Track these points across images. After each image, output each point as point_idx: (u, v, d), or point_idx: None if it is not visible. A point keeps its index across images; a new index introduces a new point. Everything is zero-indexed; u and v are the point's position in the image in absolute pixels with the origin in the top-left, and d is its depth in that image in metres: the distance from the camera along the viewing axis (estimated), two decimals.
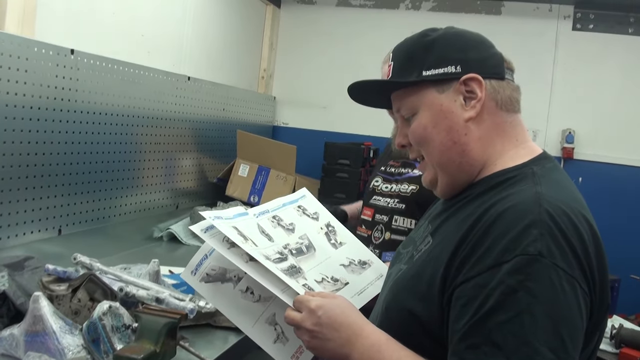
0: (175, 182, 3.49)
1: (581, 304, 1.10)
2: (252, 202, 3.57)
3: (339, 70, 4.50)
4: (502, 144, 1.32)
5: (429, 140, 1.33)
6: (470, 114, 1.29)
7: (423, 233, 1.41)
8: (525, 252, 1.08)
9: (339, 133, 4.45)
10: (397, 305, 1.31)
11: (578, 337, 1.10)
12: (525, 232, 1.10)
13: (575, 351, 1.09)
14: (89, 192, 2.73)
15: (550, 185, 1.22)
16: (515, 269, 1.08)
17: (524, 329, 1.06)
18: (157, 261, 1.90)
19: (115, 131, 2.86)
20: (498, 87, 1.31)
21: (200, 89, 3.60)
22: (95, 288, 1.65)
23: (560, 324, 1.07)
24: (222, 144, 3.94)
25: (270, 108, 4.69)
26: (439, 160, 1.34)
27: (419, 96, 1.33)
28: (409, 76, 1.33)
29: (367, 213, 2.59)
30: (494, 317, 1.08)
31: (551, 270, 1.07)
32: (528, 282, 1.07)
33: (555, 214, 1.13)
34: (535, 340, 1.05)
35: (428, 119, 1.32)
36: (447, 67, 1.30)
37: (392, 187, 2.54)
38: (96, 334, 1.43)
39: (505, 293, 1.08)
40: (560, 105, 4.11)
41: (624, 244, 3.53)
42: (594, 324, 1.17)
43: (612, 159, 4.05)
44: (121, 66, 2.83)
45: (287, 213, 1.64)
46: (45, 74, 2.37)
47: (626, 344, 2.54)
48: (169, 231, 2.95)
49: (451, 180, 1.35)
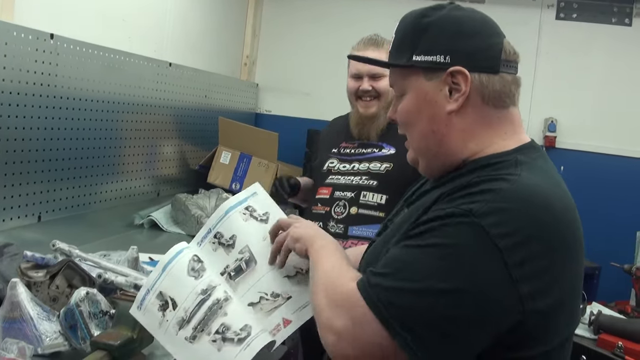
0: (157, 169, 3.47)
1: (494, 273, 1.08)
2: (234, 189, 3.55)
3: (322, 57, 4.48)
4: (489, 137, 1.31)
5: (411, 124, 1.35)
6: (452, 107, 1.29)
7: (401, 211, 1.46)
8: (458, 207, 1.13)
9: (322, 120, 4.42)
10: None
11: (472, 294, 1.09)
12: (474, 194, 1.15)
13: (466, 305, 1.09)
14: (69, 179, 2.71)
15: (532, 171, 1.22)
16: (444, 216, 1.14)
17: (421, 257, 1.13)
18: (135, 248, 1.89)
19: (96, 117, 2.83)
20: (487, 82, 1.29)
21: (182, 75, 3.57)
22: (73, 275, 1.64)
23: (456, 270, 1.09)
24: (204, 131, 3.92)
25: (252, 95, 4.67)
26: (418, 145, 1.37)
27: (408, 79, 1.34)
28: (401, 58, 1.33)
29: (323, 192, 2.63)
30: (408, 241, 1.18)
31: (474, 227, 1.10)
32: (447, 227, 1.12)
33: (519, 190, 1.15)
34: (424, 272, 1.11)
35: (413, 104, 1.33)
36: (437, 56, 1.29)
37: (353, 166, 2.60)
38: (73, 320, 1.43)
39: (426, 228, 1.15)
40: (543, 94, 4.12)
41: (605, 233, 3.55)
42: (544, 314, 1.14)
43: (594, 148, 4.08)
44: (101, 51, 2.80)
45: (230, 223, 1.55)
46: (24, 58, 2.35)
47: (605, 330, 2.55)
48: (150, 218, 2.95)
49: (428, 164, 1.38)
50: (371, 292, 1.13)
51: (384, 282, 1.13)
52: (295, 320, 1.47)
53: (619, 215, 3.91)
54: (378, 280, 1.14)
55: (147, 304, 1.40)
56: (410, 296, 1.10)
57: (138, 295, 1.42)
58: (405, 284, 1.11)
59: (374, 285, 1.14)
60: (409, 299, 1.10)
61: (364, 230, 2.47)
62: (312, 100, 4.60)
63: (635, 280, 2.96)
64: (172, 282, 1.42)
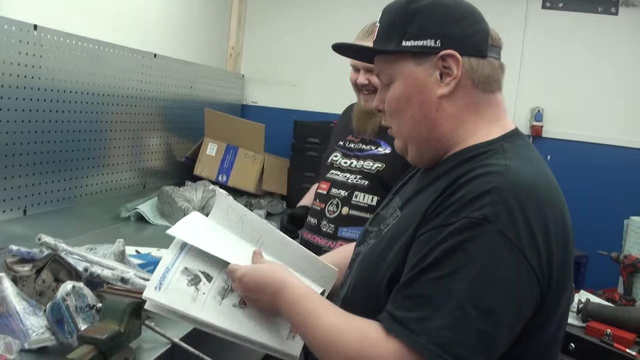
0: (143, 161, 3.45)
1: (522, 277, 1.11)
2: (220, 181, 3.54)
3: (309, 47, 4.47)
4: (475, 123, 1.32)
5: (401, 111, 1.34)
6: (444, 91, 1.28)
7: (393, 209, 1.42)
8: (470, 216, 1.11)
9: (309, 112, 4.43)
10: (366, 281, 1.33)
11: (512, 304, 1.10)
12: (479, 197, 1.13)
13: (508, 319, 1.11)
14: (54, 172, 2.69)
15: (520, 160, 1.22)
16: (458, 230, 1.11)
17: (454, 285, 1.09)
18: (122, 241, 1.88)
19: (81, 109, 2.81)
20: (477, 66, 1.30)
21: (167, 66, 3.55)
22: (59, 268, 1.63)
23: (492, 287, 1.09)
24: (189, 122, 3.90)
25: (238, 86, 4.65)
26: (408, 132, 1.35)
27: (397, 65, 1.33)
28: (389, 44, 1.32)
29: (322, 187, 2.57)
30: (430, 272, 1.12)
31: (494, 235, 1.09)
32: (467, 243, 1.10)
33: (519, 185, 1.15)
34: (463, 299, 1.08)
35: (402, 90, 1.32)
36: (427, 40, 1.28)
37: (351, 162, 2.51)
38: (60, 315, 1.41)
39: (444, 250, 1.11)
40: (529, 83, 4.13)
41: (592, 221, 3.57)
42: (550, 304, 1.17)
43: (581, 137, 4.09)
44: (85, 43, 2.78)
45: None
46: (7, 50, 2.32)
47: (593, 318, 2.57)
48: (137, 211, 2.93)
49: (419, 152, 1.37)
50: (422, 340, 1.08)
51: (428, 324, 1.08)
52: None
53: (607, 203, 3.93)
54: (422, 325, 1.09)
55: (170, 282, 1.40)
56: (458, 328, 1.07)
57: (153, 277, 1.40)
58: (448, 319, 1.07)
59: (420, 332, 1.08)
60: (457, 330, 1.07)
61: (354, 232, 2.37)
62: (298, 92, 4.58)
63: (623, 268, 2.97)
64: (197, 257, 1.44)
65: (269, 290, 1.36)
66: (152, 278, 1.41)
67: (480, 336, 1.07)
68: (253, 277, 1.39)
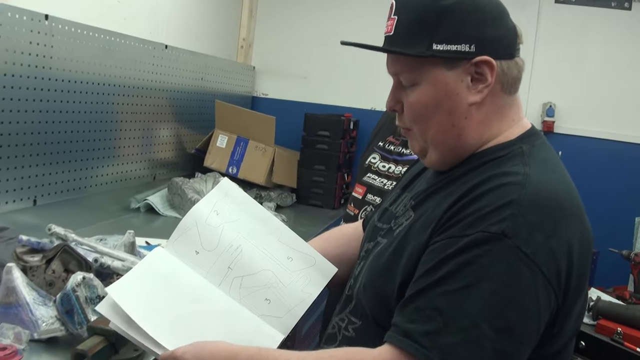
0: (153, 152, 3.44)
1: (539, 292, 1.08)
2: (231, 173, 3.53)
3: (320, 39, 4.44)
4: (499, 126, 1.28)
5: (426, 118, 1.26)
6: (476, 99, 1.23)
7: (404, 207, 1.37)
8: (487, 230, 1.08)
9: (319, 104, 4.41)
10: (376, 283, 1.29)
11: (529, 321, 1.08)
12: (497, 210, 1.09)
13: (526, 337, 1.08)
14: (64, 162, 2.68)
15: (539, 166, 1.19)
16: (474, 243, 1.08)
17: (468, 301, 1.06)
18: (132, 232, 1.87)
19: (92, 100, 2.80)
20: (507, 69, 1.24)
21: (177, 57, 3.54)
22: (69, 259, 1.63)
23: (509, 306, 1.06)
24: (200, 114, 3.90)
25: (249, 78, 4.63)
26: (433, 138, 1.29)
27: (424, 69, 1.23)
28: (417, 46, 1.22)
29: (358, 190, 2.49)
30: (444, 285, 1.08)
31: (511, 251, 1.06)
32: (483, 257, 1.06)
33: (539, 198, 1.11)
34: (477, 315, 1.04)
35: (430, 97, 1.24)
36: (461, 45, 1.20)
37: (389, 167, 2.44)
38: (70, 306, 1.41)
39: (459, 263, 1.08)
40: (541, 78, 4.10)
41: (603, 218, 3.54)
42: (566, 312, 1.15)
43: (593, 133, 4.05)
44: (97, 33, 2.77)
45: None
46: (18, 40, 2.31)
47: (603, 316, 2.55)
48: (147, 202, 2.93)
49: (441, 158, 1.31)
50: (434, 356, 1.05)
51: (440, 339, 1.05)
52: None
53: (618, 201, 3.90)
54: (432, 340, 1.06)
55: None
56: (473, 346, 1.04)
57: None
58: (461, 336, 1.04)
59: (431, 348, 1.05)
60: (472, 349, 1.04)
61: None
62: (309, 84, 4.56)
63: (634, 266, 2.95)
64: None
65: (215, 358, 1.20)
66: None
67: (500, 356, 1.05)
68: (195, 353, 1.19)
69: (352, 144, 4.05)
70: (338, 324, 1.40)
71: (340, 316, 1.40)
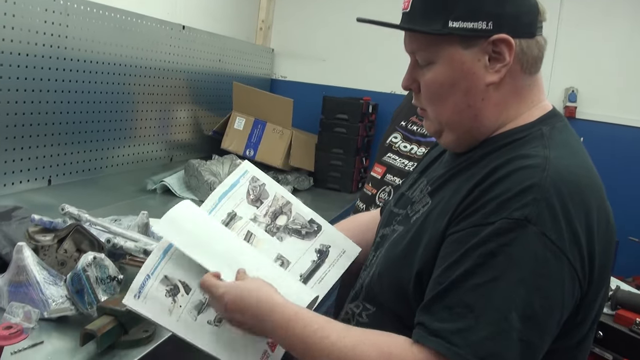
0: (170, 134, 3.43)
1: (565, 279, 1.05)
2: (248, 155, 3.52)
3: (340, 21, 4.38)
4: (518, 107, 1.24)
5: (442, 98, 1.24)
6: (493, 79, 1.19)
7: (421, 193, 1.35)
8: (511, 216, 1.05)
9: (338, 87, 4.37)
10: (392, 272, 1.27)
11: (554, 311, 1.06)
12: (519, 195, 1.06)
13: (550, 326, 1.06)
14: (80, 143, 2.67)
15: (560, 149, 1.16)
16: (498, 232, 1.05)
17: (498, 293, 1.03)
18: (146, 213, 1.86)
19: (108, 80, 2.79)
20: (527, 49, 1.20)
21: (195, 39, 3.51)
22: (82, 239, 1.62)
23: (536, 293, 1.03)
24: (218, 96, 3.87)
25: (268, 61, 4.60)
26: (449, 119, 1.26)
27: (440, 47, 1.21)
28: (433, 23, 1.19)
29: (377, 170, 2.45)
30: (471, 279, 1.05)
31: (536, 237, 1.03)
32: (509, 246, 1.04)
33: (560, 181, 1.08)
34: (507, 307, 1.02)
35: (446, 76, 1.21)
36: (478, 22, 1.16)
37: (412, 148, 2.39)
38: (80, 285, 1.41)
39: (484, 255, 1.05)
40: (564, 63, 4.02)
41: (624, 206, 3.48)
42: (589, 301, 1.13)
43: (615, 119, 3.98)
44: (113, 13, 2.74)
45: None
46: (34, 19, 2.30)
47: (622, 306, 2.51)
48: (163, 184, 2.93)
49: (457, 140, 1.28)
50: (466, 354, 1.02)
51: (471, 335, 1.02)
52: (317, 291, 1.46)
53: (638, 189, 3.84)
54: (463, 337, 1.03)
55: (148, 291, 1.32)
56: (501, 338, 1.02)
57: (133, 284, 1.32)
58: (491, 330, 1.02)
59: (463, 346, 1.02)
60: (500, 341, 1.02)
61: None
62: (328, 66, 4.52)
63: None
64: (178, 264, 1.35)
65: (253, 311, 1.22)
66: (132, 284, 1.32)
67: (524, 346, 1.03)
68: (234, 297, 1.23)
69: (371, 128, 4.01)
70: (352, 310, 1.38)
71: (355, 303, 1.39)
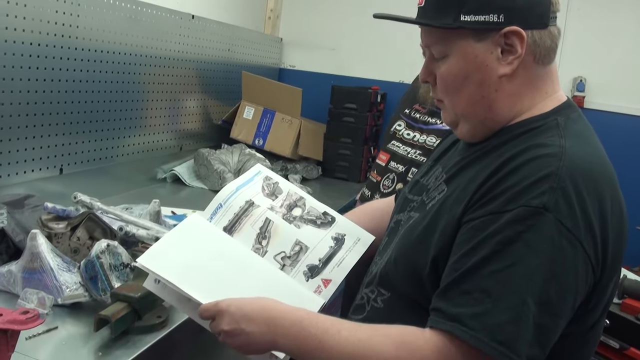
0: (180, 123, 3.44)
1: (579, 266, 1.07)
2: (257, 144, 3.53)
3: (349, 11, 4.38)
4: (532, 98, 1.26)
5: (457, 90, 1.26)
6: (506, 71, 1.21)
7: (436, 180, 1.36)
8: (529, 204, 1.06)
9: (347, 77, 4.37)
10: (408, 257, 1.28)
11: (568, 296, 1.07)
12: (536, 184, 1.08)
13: (563, 311, 1.08)
14: (91, 132, 2.70)
15: (575, 138, 1.18)
16: (516, 219, 1.06)
17: (515, 279, 1.05)
18: (157, 201, 1.88)
19: (118, 70, 2.80)
20: (539, 40, 1.21)
21: (205, 28, 3.52)
22: (94, 227, 1.64)
23: (551, 280, 1.05)
24: (227, 85, 3.88)
25: (277, 50, 4.61)
26: (463, 110, 1.28)
27: (452, 41, 1.23)
28: (445, 17, 1.21)
29: (382, 157, 2.46)
30: (489, 265, 1.07)
31: (553, 225, 1.05)
32: (526, 233, 1.05)
33: (576, 170, 1.10)
34: (524, 291, 1.04)
35: (459, 68, 1.23)
36: (489, 15, 1.18)
37: (415, 135, 2.40)
38: (94, 272, 1.42)
39: (502, 242, 1.06)
40: (572, 52, 4.01)
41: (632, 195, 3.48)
42: (601, 289, 1.15)
43: (624, 109, 3.96)
44: (123, 2, 2.76)
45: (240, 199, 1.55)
46: (45, 9, 2.31)
47: (629, 295, 2.53)
48: (173, 172, 2.94)
49: (472, 130, 1.30)
50: (483, 337, 1.03)
51: (488, 320, 1.04)
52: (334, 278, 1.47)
53: None
54: (480, 321, 1.04)
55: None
56: (519, 322, 1.03)
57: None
58: (509, 314, 1.03)
59: (480, 330, 1.03)
60: (518, 324, 1.03)
61: None
62: (337, 56, 4.51)
63: None
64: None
65: (262, 318, 1.19)
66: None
67: (539, 330, 1.04)
68: (240, 306, 1.21)
69: (379, 117, 4.02)
70: (367, 295, 1.39)
71: (370, 287, 1.40)
